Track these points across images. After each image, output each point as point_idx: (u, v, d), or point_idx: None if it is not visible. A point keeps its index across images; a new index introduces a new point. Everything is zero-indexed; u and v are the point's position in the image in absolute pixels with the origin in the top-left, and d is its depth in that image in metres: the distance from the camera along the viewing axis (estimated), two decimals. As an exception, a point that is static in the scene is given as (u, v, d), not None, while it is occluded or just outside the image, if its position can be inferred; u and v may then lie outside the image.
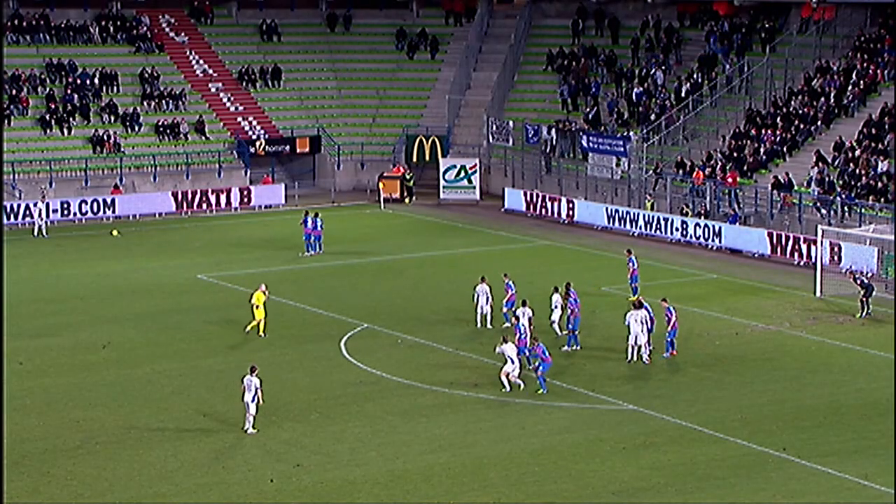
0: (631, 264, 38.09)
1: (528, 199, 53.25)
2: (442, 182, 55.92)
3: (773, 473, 24.40)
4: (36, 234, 48.91)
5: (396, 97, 61.96)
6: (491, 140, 57.78)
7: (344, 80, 62.57)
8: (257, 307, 34.05)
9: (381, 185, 55.77)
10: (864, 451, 25.46)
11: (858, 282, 35.93)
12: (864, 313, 35.71)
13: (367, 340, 34.21)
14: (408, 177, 56.71)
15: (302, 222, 45.66)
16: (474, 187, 55.86)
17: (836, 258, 40.83)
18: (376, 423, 27.54)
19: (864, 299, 35.89)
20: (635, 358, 31.63)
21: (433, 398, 29.25)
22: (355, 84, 62.40)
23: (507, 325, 34.03)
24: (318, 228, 45.20)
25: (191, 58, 60.99)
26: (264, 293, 34.29)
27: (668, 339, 31.87)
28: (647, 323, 31.69)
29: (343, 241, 48.12)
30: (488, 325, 34.88)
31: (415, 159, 58.51)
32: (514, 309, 33.67)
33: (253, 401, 26.62)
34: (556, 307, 33.89)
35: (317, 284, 36.41)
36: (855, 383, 30.37)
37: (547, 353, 29.53)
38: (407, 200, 56.11)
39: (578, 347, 32.42)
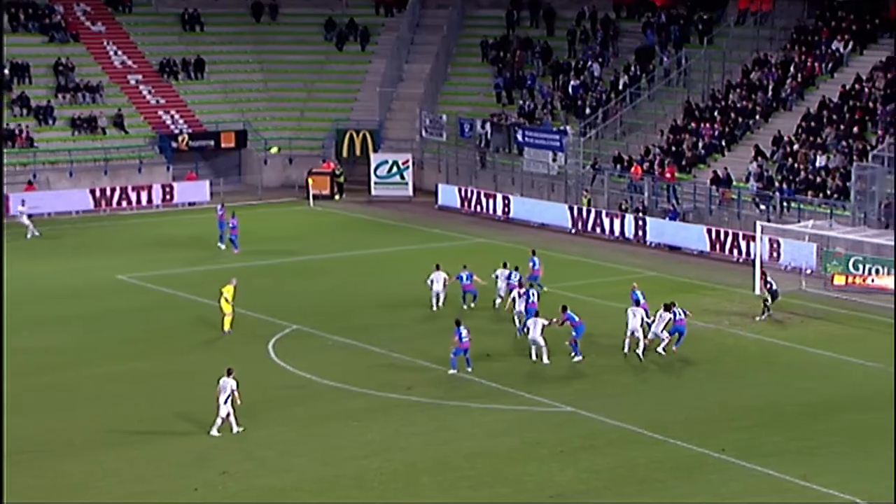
0: (532, 265, 38.27)
1: (463, 195, 53.36)
2: (373, 178, 55.81)
3: (713, 475, 24.71)
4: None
5: (325, 90, 61.69)
6: (424, 134, 57.78)
7: (270, 72, 62.14)
8: (227, 301, 34.12)
9: (309, 181, 55.49)
10: (805, 452, 25.88)
11: (768, 285, 36.46)
12: (764, 315, 36.10)
13: (297, 342, 34.04)
14: (337, 173, 56.49)
15: (219, 214, 45.25)
16: (407, 183, 55.82)
17: (775, 255, 41.47)
18: (306, 428, 27.41)
19: (766, 302, 36.33)
20: (627, 351, 32.07)
21: (365, 401, 29.19)
22: (282, 76, 62.00)
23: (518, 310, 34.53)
24: (235, 227, 44.84)
25: (108, 48, 60.15)
26: (235, 287, 34.52)
27: (573, 343, 31.95)
28: (644, 318, 31.94)
29: (271, 239, 47.80)
30: (470, 304, 36.50)
31: (345, 154, 58.30)
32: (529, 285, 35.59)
33: (226, 403, 26.54)
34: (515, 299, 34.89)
35: (243, 285, 36.12)
36: (796, 382, 30.86)
37: (576, 318, 31.16)
38: (337, 197, 55.90)
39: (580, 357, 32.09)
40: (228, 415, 26.68)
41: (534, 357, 31.85)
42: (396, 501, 23.64)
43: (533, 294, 34.68)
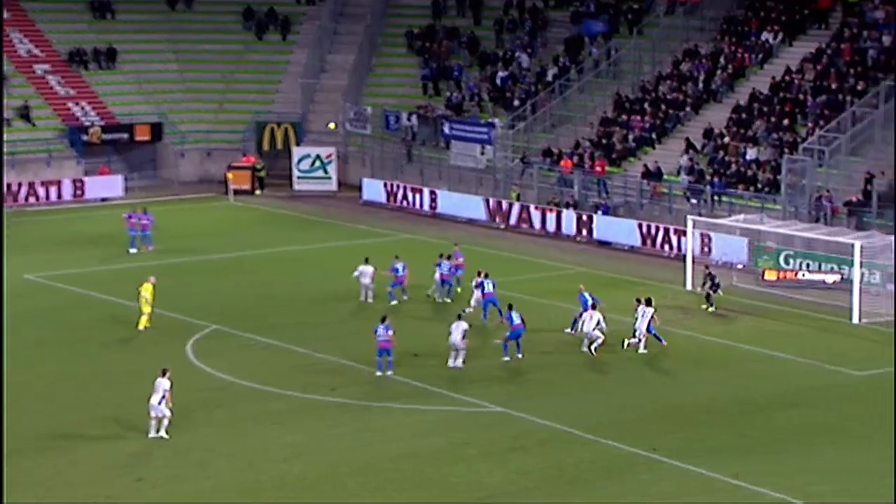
0: (457, 258, 38.45)
1: (389, 189, 53.32)
2: (295, 172, 55.58)
3: (644, 475, 25.03)
4: None
5: (245, 81, 61.26)
6: (348, 127, 57.66)
7: (187, 62, 61.54)
8: (146, 300, 34.01)
9: (229, 175, 55.08)
10: (738, 450, 26.31)
11: (711, 278, 37.09)
12: (713, 307, 36.77)
13: (216, 343, 33.81)
14: (258, 167, 56.16)
15: (127, 216, 44.71)
16: (330, 178, 55.66)
17: (706, 249, 42.07)
18: (226, 431, 27.25)
19: (709, 296, 37.00)
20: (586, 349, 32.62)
21: (287, 403, 29.10)
22: (199, 67, 61.44)
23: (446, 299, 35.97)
24: (147, 224, 44.35)
25: (13, 37, 59.08)
26: (154, 285, 34.48)
27: (505, 343, 32.14)
28: (601, 321, 32.30)
29: (188, 236, 47.38)
30: (404, 298, 36.73)
31: (266, 148, 57.97)
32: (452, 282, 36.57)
33: (160, 404, 26.40)
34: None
35: (160, 283, 35.77)
36: (728, 379, 31.36)
37: (516, 320, 31.38)
38: (258, 192, 55.57)
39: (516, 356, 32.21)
40: (164, 416, 26.53)
41: (450, 363, 31.35)
42: (321, 506, 23.60)
43: (488, 284, 34.95)
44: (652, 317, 32.84)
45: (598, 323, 32.59)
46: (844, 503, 23.65)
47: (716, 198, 45.67)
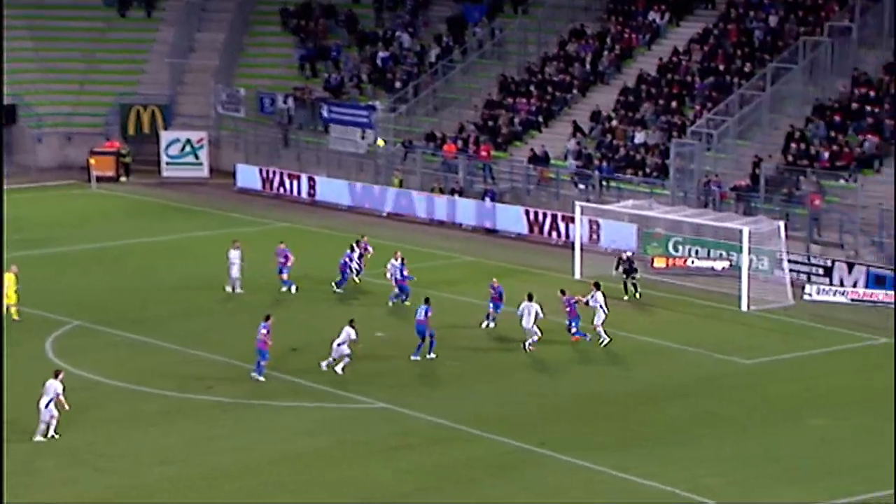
0: (363, 249, 38.68)
1: (264, 176, 52.91)
2: (164, 158, 54.77)
3: (532, 470, 25.40)
4: None
5: (107, 61, 60.06)
6: (220, 110, 57.00)
7: (43, 40, 60.05)
8: (14, 291, 33.72)
9: (91, 161, 54.03)
10: (625, 443, 26.85)
11: (625, 263, 37.74)
12: (638, 293, 37.70)
13: (79, 340, 33.22)
14: (123, 152, 55.21)
15: None
16: (202, 163, 55.01)
17: (594, 236, 42.71)
18: (92, 435, 26.82)
19: (626, 281, 37.71)
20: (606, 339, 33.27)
21: (160, 403, 28.75)
22: (57, 45, 60.02)
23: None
24: None
25: None
26: (17, 275, 34.13)
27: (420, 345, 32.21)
28: (539, 312, 32.33)
29: (47, 225, 46.40)
30: (238, 290, 36.34)
31: (131, 132, 56.98)
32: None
33: (46, 407, 26.07)
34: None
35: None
36: (615, 371, 31.95)
37: (422, 315, 30.92)
38: (123, 179, 54.64)
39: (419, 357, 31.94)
40: (52, 418, 26.15)
41: (325, 364, 30.91)
42: (197, 512, 23.40)
43: (404, 269, 35.57)
44: (539, 311, 33.01)
45: (537, 316, 32.57)
46: (737, 503, 24.28)
47: (604, 183, 46.38)
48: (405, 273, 37.02)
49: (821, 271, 39.11)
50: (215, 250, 41.04)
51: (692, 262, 40.49)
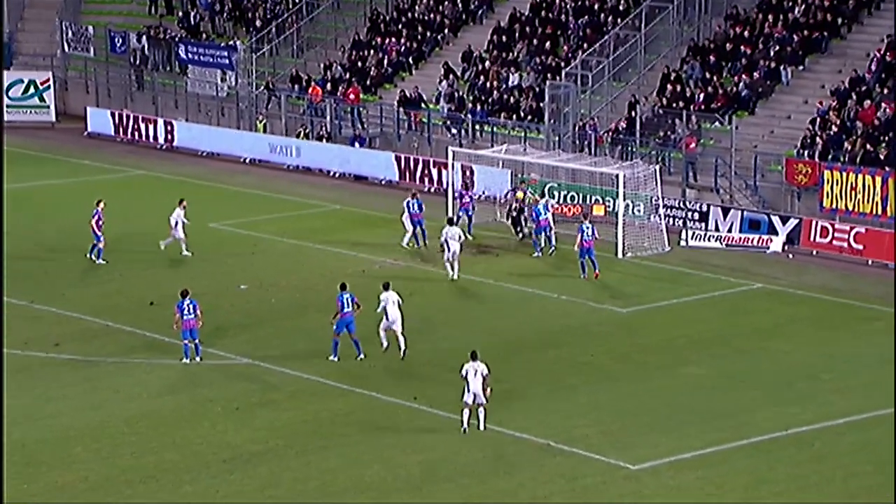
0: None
1: (117, 120, 52.00)
2: (5, 100, 53.30)
3: (404, 426, 25.48)
4: None
5: (-59, -5, 57.98)
6: (67, 49, 55.66)
7: None
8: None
9: (-75, 105, 52.31)
10: (498, 395, 26.85)
11: (514, 213, 38.16)
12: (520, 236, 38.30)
13: (-82, 298, 32.23)
14: (-39, 95, 53.56)
15: None
16: (48, 107, 53.82)
17: (468, 183, 42.79)
18: (-68, 399, 26.09)
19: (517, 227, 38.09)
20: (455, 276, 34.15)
21: (3, 361, 28.10)
22: None
23: None
24: None
25: None
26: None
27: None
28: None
29: None
30: (185, 252, 35.75)
31: (-32, 73, 55.28)
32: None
33: None
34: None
35: None
36: (489, 320, 32.16)
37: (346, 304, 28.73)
38: (-37, 124, 53.05)
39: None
40: None
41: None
42: (44, 477, 22.95)
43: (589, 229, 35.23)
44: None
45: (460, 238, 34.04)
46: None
47: (477, 127, 46.50)
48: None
49: (696, 216, 39.87)
50: (64, 200, 40.15)
51: (568, 209, 40.84)
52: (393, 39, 51.51)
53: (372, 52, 51.30)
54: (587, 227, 35.10)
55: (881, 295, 33.59)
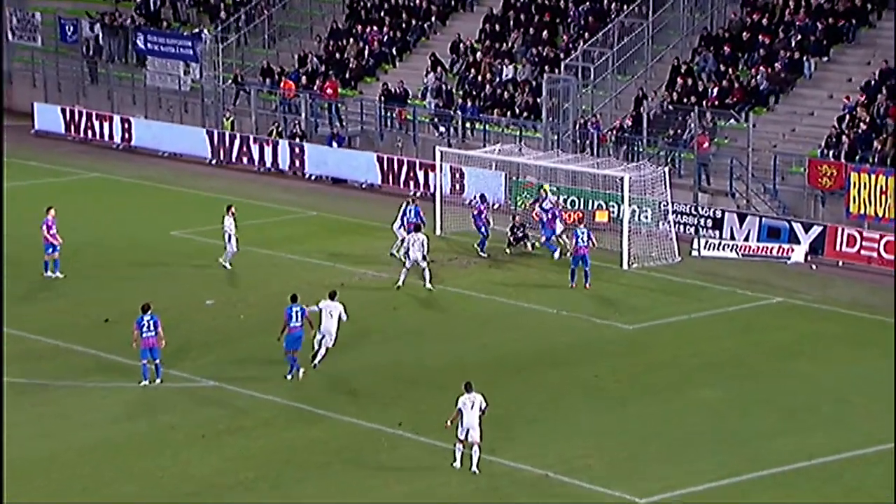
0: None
1: (68, 117, 52.25)
2: (-56, 96, 53.44)
3: (384, 454, 25.53)
4: None
5: None
6: (11, 38, 55.75)
7: None
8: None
9: None
10: (491, 420, 26.83)
11: (518, 229, 38.34)
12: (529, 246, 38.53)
13: None
14: None
15: None
16: (-8, 102, 53.89)
17: (458, 186, 42.97)
18: None
19: (514, 237, 38.21)
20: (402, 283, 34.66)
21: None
22: None
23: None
24: None
25: None
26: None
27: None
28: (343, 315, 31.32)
29: None
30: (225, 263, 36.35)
31: None
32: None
33: None
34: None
35: None
36: (478, 337, 32.25)
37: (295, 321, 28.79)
38: None
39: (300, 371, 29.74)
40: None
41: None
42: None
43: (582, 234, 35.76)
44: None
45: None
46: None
47: (468, 125, 46.67)
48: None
49: (710, 223, 40.04)
50: (9, 206, 40.16)
51: (568, 216, 40.97)
52: (375, 28, 51.72)
53: (351, 41, 51.49)
54: (582, 233, 35.27)
55: (914, 310, 33.77)
